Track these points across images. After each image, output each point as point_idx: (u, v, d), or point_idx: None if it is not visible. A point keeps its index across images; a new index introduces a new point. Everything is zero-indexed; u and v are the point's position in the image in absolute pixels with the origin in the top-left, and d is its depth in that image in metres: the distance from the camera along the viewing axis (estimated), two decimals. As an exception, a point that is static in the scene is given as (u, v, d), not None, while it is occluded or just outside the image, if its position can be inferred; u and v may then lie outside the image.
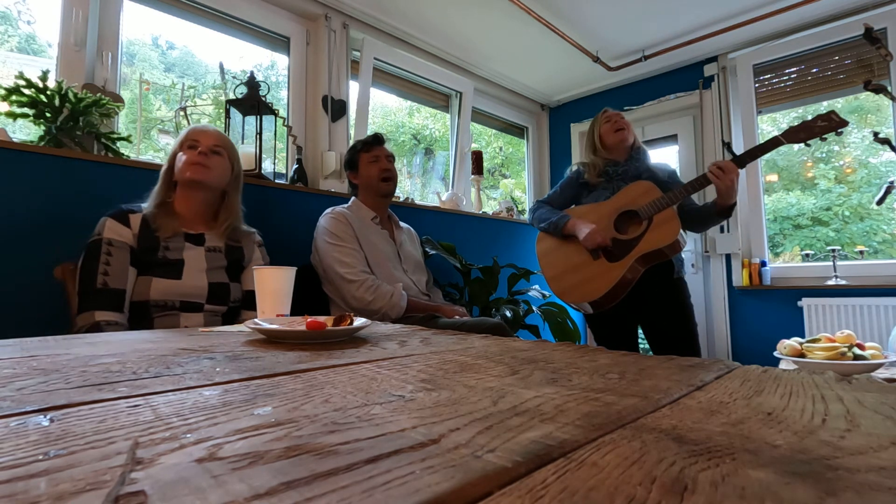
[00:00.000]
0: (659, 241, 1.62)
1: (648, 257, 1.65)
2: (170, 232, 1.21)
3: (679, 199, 1.64)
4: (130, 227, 1.18)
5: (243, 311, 1.32)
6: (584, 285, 1.72)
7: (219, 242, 1.30)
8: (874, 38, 1.96)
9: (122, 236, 1.16)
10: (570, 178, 1.93)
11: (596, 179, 1.83)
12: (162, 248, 1.19)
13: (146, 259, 1.17)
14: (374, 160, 1.71)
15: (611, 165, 1.82)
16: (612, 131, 1.82)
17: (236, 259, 1.32)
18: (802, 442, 0.25)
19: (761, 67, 2.75)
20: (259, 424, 0.27)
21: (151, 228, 1.20)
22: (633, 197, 1.72)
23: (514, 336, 1.37)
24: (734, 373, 0.45)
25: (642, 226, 1.67)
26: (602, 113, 1.91)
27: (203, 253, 1.25)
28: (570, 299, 1.78)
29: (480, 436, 0.25)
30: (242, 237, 1.37)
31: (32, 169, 1.36)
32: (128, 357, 0.51)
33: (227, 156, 1.32)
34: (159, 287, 1.16)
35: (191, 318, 1.20)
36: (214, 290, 1.23)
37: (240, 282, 1.33)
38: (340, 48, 2.37)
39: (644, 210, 1.67)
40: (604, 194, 1.80)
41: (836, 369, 1.34)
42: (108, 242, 1.14)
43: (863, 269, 2.45)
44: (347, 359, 0.51)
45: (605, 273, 1.69)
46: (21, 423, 0.27)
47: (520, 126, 3.70)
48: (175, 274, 1.18)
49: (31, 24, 1.94)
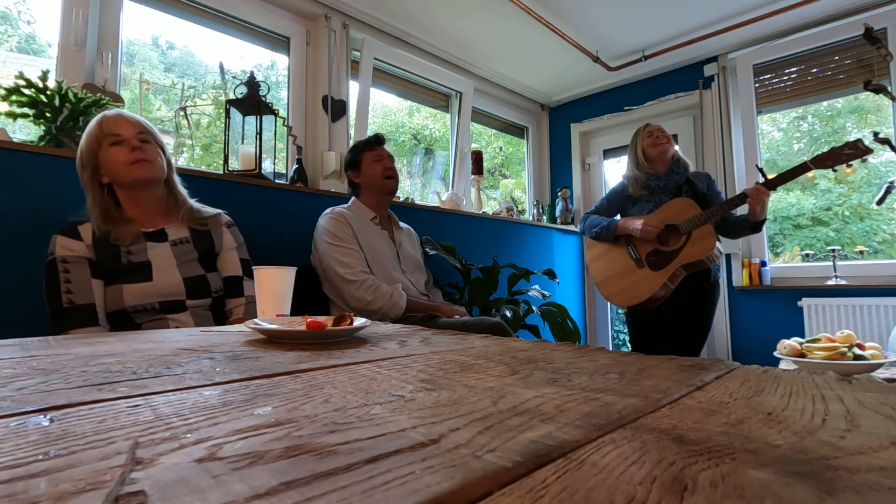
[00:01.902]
0: (697, 254, 1.82)
1: (688, 267, 1.85)
2: (130, 239, 1.14)
3: (716, 217, 1.81)
4: (82, 238, 1.12)
5: (228, 299, 1.27)
6: (630, 290, 1.94)
7: (182, 232, 1.22)
8: (874, 38, 1.96)
9: (75, 250, 1.10)
10: (615, 191, 2.12)
11: (639, 192, 2.01)
12: (124, 254, 1.13)
13: (109, 267, 1.12)
14: (377, 159, 1.72)
15: (653, 179, 1.99)
16: (653, 145, 1.98)
17: (207, 248, 1.26)
18: (802, 442, 0.25)
19: (761, 67, 2.75)
20: (259, 424, 0.27)
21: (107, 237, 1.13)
22: (674, 213, 1.90)
23: (514, 336, 1.37)
24: (734, 373, 0.45)
25: (682, 239, 1.87)
26: (644, 127, 2.05)
27: (168, 248, 1.18)
28: (616, 302, 2.01)
29: (480, 436, 0.25)
30: (209, 221, 1.29)
31: (32, 169, 1.36)
32: (128, 357, 0.51)
33: (154, 140, 1.21)
34: (132, 292, 1.11)
35: (178, 318, 1.15)
36: (192, 284, 1.18)
37: (217, 270, 1.27)
38: (340, 48, 2.37)
39: (684, 225, 1.85)
40: (647, 207, 1.99)
41: (836, 369, 1.34)
42: (62, 260, 1.09)
43: (863, 269, 2.45)
44: (347, 359, 0.51)
45: (647, 280, 1.89)
46: (21, 423, 0.27)
47: (520, 126, 3.70)
48: (144, 276, 1.13)
49: (31, 24, 1.94)
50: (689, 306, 1.91)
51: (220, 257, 1.29)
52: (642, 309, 1.92)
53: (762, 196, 1.75)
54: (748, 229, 1.86)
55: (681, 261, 1.83)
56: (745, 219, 1.86)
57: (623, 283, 1.97)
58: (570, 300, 3.32)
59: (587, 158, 3.60)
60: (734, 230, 1.94)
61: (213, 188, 1.68)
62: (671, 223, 1.89)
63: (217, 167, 2.29)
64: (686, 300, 1.90)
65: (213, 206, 1.37)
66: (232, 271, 1.30)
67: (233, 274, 1.30)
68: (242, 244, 1.35)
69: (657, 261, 1.89)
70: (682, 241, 1.86)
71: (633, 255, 1.97)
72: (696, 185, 1.95)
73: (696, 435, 0.26)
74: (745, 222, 1.86)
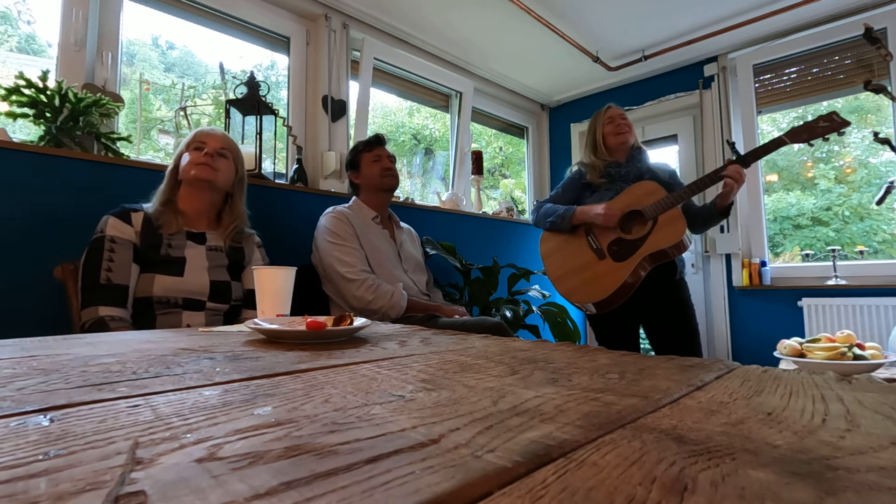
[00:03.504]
0: (665, 241, 1.62)
1: (654, 257, 1.65)
2: (173, 229, 1.23)
3: (684, 199, 1.63)
4: (133, 224, 1.20)
5: (244, 309, 1.33)
6: (590, 285, 1.72)
7: (220, 242, 1.32)
8: (874, 38, 1.96)
9: (125, 234, 1.18)
10: (571, 178, 1.92)
11: (598, 180, 1.82)
12: (164, 246, 1.20)
13: (149, 256, 1.19)
14: (376, 159, 1.72)
15: (612, 167, 1.81)
16: (614, 133, 1.82)
17: (237, 259, 1.34)
18: (802, 442, 0.25)
19: (761, 67, 2.75)
20: (259, 424, 0.27)
21: (154, 226, 1.22)
22: (637, 197, 1.71)
23: (514, 336, 1.37)
24: (734, 373, 0.45)
25: (647, 226, 1.67)
26: (605, 111, 1.88)
27: (204, 251, 1.26)
28: (576, 299, 1.78)
29: (480, 436, 0.25)
30: (243, 238, 1.39)
31: (32, 169, 1.36)
32: (128, 357, 0.51)
33: (232, 158, 1.35)
34: (162, 284, 1.17)
35: (193, 317, 1.21)
36: (216, 288, 1.25)
37: (241, 281, 1.35)
38: (340, 48, 2.37)
39: (649, 210, 1.66)
40: (607, 195, 1.79)
41: (836, 369, 1.34)
42: (110, 239, 1.15)
43: (863, 269, 2.45)
44: (347, 359, 0.51)
45: (611, 273, 1.68)
46: (21, 423, 0.27)
47: (520, 126, 3.70)
48: (177, 271, 1.20)
49: (31, 24, 1.94)
50: (664, 312, 1.72)
51: (245, 270, 1.36)
52: (607, 307, 1.70)
53: (742, 176, 1.57)
54: (717, 216, 1.67)
55: (647, 249, 1.64)
56: (710, 206, 1.68)
57: (582, 277, 1.74)
58: (570, 300, 3.32)
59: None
60: (701, 220, 1.74)
61: (213, 188, 1.68)
62: (635, 209, 1.70)
63: (217, 167, 2.29)
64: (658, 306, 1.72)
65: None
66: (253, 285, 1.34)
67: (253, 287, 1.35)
68: (268, 264, 1.42)
69: (620, 251, 1.68)
70: (647, 227, 1.66)
71: (593, 246, 1.75)
72: (657, 174, 1.78)
73: (696, 435, 0.26)
74: (711, 209, 1.67)
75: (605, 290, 1.68)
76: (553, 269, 1.85)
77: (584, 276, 1.75)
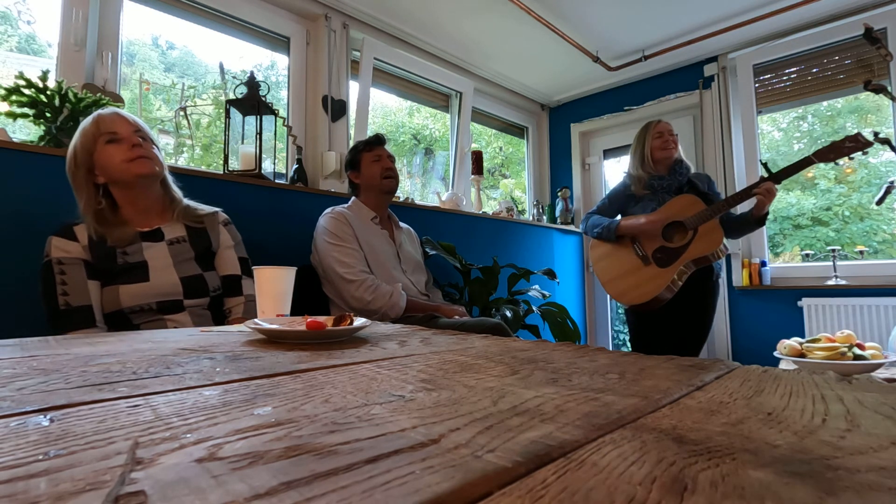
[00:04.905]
0: (705, 249, 1.81)
1: (696, 262, 1.84)
2: (126, 240, 1.13)
3: (722, 212, 1.81)
4: (78, 240, 1.11)
5: (227, 298, 1.26)
6: (637, 288, 1.91)
7: (179, 231, 1.21)
8: (874, 38, 1.97)
9: (71, 252, 1.09)
10: (618, 189, 2.10)
11: (642, 191, 2.00)
12: (120, 254, 1.12)
13: (106, 268, 1.11)
14: (376, 159, 1.72)
15: (655, 179, 1.98)
16: (661, 148, 1.97)
17: (205, 247, 1.24)
18: (802, 442, 0.25)
19: (761, 67, 2.75)
20: (259, 424, 0.27)
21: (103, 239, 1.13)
22: (678, 209, 1.89)
23: (514, 336, 1.37)
24: (734, 373, 0.45)
25: (688, 235, 1.86)
26: (654, 126, 2.02)
27: (165, 248, 1.17)
28: (625, 301, 1.98)
29: (480, 436, 0.25)
30: (205, 219, 1.27)
31: (32, 169, 1.36)
32: (128, 357, 0.51)
33: (149, 139, 1.20)
34: (129, 293, 1.10)
35: (176, 318, 1.14)
36: (189, 283, 1.17)
37: (214, 269, 1.26)
38: (340, 48, 2.37)
39: (690, 221, 1.85)
40: (650, 206, 1.97)
41: (836, 369, 1.34)
42: (58, 262, 1.08)
43: (863, 269, 2.45)
44: (347, 359, 0.51)
45: (655, 277, 1.87)
46: (21, 423, 0.27)
47: (520, 126, 3.70)
48: (141, 277, 1.12)
49: (31, 24, 1.94)
50: (691, 306, 1.90)
51: (217, 256, 1.28)
52: (649, 308, 1.90)
53: (773, 192, 1.74)
54: (753, 224, 1.85)
55: (689, 256, 1.83)
56: (747, 216, 1.85)
57: (630, 281, 1.95)
58: (570, 300, 3.32)
59: (587, 158, 3.60)
60: (737, 228, 1.93)
61: (213, 188, 1.68)
62: (676, 220, 1.88)
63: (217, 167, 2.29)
64: (688, 300, 1.89)
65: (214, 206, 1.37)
66: (230, 270, 1.28)
67: (231, 273, 1.28)
68: (240, 242, 1.34)
69: (664, 258, 1.88)
70: (688, 236, 1.85)
71: (638, 253, 1.96)
72: (697, 185, 1.95)
73: (696, 435, 0.26)
74: (748, 218, 1.84)
75: (650, 293, 1.87)
76: (602, 273, 2.06)
77: (632, 281, 1.94)
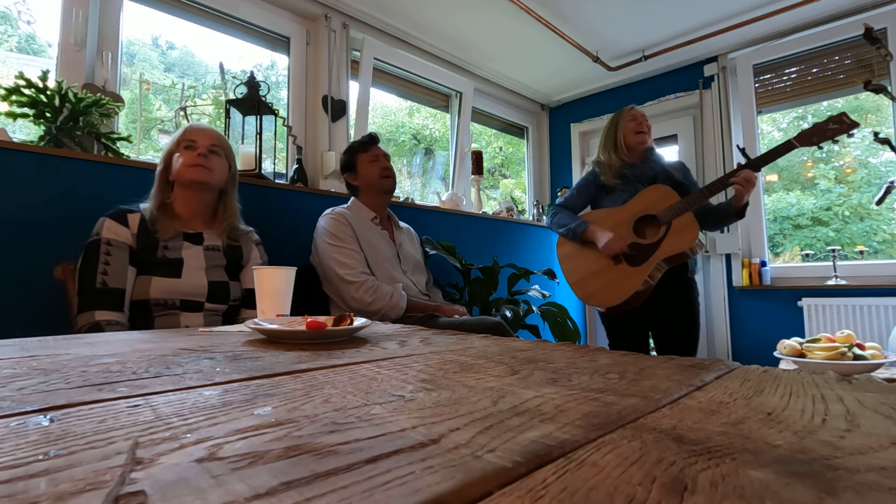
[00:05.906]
0: (679, 246, 1.65)
1: (669, 261, 1.69)
2: (170, 233, 1.22)
3: (697, 204, 1.66)
4: (129, 226, 1.18)
5: (243, 309, 1.33)
6: (608, 290, 1.76)
7: (217, 241, 1.30)
8: (874, 38, 1.96)
9: (121, 236, 1.16)
10: (586, 179, 1.94)
11: (613, 181, 1.84)
12: (161, 248, 1.19)
13: (145, 258, 1.17)
14: (373, 159, 1.71)
15: (627, 167, 1.83)
16: (635, 132, 1.83)
17: (235, 257, 1.33)
18: (802, 442, 0.25)
19: (761, 67, 2.75)
20: (259, 424, 0.27)
21: (150, 228, 1.20)
22: (651, 201, 1.74)
23: (514, 336, 1.37)
24: (734, 373, 0.45)
25: (661, 230, 1.70)
26: (628, 110, 1.88)
27: (201, 252, 1.25)
28: (595, 303, 1.83)
29: (480, 436, 0.25)
30: (241, 236, 1.37)
31: (32, 169, 1.36)
32: (128, 357, 0.51)
33: (224, 155, 1.33)
34: (159, 286, 1.16)
35: (191, 318, 1.20)
36: (214, 288, 1.24)
37: (239, 280, 1.34)
38: (340, 48, 2.37)
39: (663, 215, 1.69)
40: (622, 196, 1.82)
41: (836, 369, 1.34)
42: (106, 242, 1.14)
43: (863, 269, 2.45)
44: (347, 359, 0.51)
45: (627, 278, 1.72)
46: (21, 423, 0.27)
47: (520, 126, 3.70)
48: (174, 273, 1.19)
49: (31, 24, 1.94)
50: (673, 309, 1.75)
51: (244, 270, 1.35)
52: (623, 310, 1.74)
53: (752, 180, 1.58)
54: (732, 216, 1.70)
55: (662, 253, 1.66)
56: (726, 206, 1.70)
57: (600, 282, 1.78)
58: (570, 300, 3.32)
59: (587, 158, 3.60)
60: (716, 219, 1.77)
61: (213, 188, 1.68)
62: (649, 213, 1.73)
63: (217, 167, 2.29)
64: (667, 303, 1.74)
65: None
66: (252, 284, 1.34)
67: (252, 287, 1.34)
68: (267, 263, 1.42)
69: (636, 255, 1.71)
70: (661, 232, 1.69)
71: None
72: (672, 174, 1.80)
73: (696, 435, 0.26)
74: (727, 210, 1.69)
75: (622, 294, 1.71)
76: (570, 273, 1.90)
77: (601, 281, 1.78)
